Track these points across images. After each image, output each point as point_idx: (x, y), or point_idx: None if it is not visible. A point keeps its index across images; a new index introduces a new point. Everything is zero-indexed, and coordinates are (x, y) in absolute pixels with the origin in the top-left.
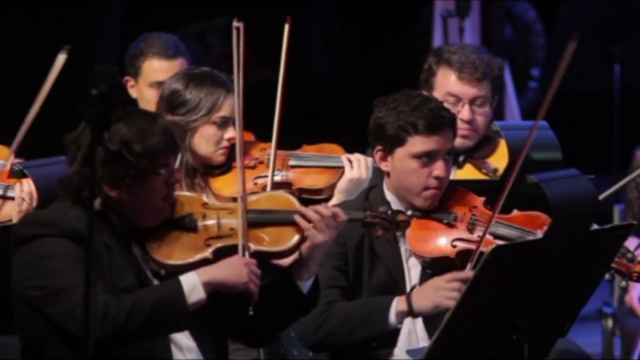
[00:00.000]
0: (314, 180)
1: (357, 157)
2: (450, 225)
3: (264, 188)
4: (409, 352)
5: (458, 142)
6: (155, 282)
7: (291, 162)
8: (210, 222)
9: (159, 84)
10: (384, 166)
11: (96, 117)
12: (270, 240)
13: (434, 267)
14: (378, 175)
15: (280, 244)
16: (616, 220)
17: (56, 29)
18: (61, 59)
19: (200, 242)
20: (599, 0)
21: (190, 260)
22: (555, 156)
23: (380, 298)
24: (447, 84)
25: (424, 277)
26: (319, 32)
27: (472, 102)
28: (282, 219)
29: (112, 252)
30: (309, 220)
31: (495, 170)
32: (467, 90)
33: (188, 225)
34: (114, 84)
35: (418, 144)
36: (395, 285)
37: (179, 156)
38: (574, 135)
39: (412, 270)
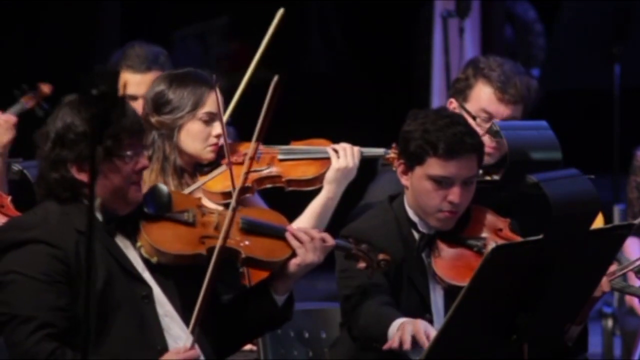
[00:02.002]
0: (303, 172)
1: (342, 146)
2: (480, 253)
3: (253, 182)
4: (409, 352)
5: None
6: (142, 270)
7: (280, 157)
8: (209, 221)
9: (130, 98)
10: (404, 180)
11: (96, 117)
12: (263, 250)
13: (458, 293)
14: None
15: (273, 256)
16: (616, 220)
17: (56, 29)
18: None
19: (196, 237)
20: (599, 0)
21: (185, 253)
22: (555, 156)
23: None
24: (484, 101)
25: (448, 301)
26: (319, 32)
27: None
28: (274, 233)
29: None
30: (299, 240)
31: None
32: (503, 111)
33: (186, 219)
34: (114, 84)
35: (435, 167)
36: (427, 310)
37: (149, 146)
38: (574, 135)
39: (437, 293)
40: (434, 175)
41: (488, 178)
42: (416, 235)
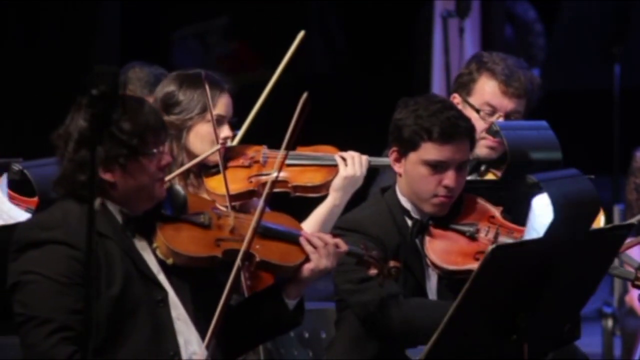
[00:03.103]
0: (310, 178)
1: (350, 154)
2: (473, 238)
3: (259, 185)
4: (409, 352)
5: (484, 152)
6: (157, 272)
7: (287, 161)
8: (225, 223)
9: None
10: (397, 167)
11: (96, 117)
12: (277, 254)
13: (451, 278)
14: (394, 175)
15: (287, 260)
16: (616, 220)
17: (56, 29)
18: None
19: (211, 240)
20: (599, 0)
21: (201, 255)
22: (555, 156)
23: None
24: (488, 94)
25: (442, 287)
26: (319, 32)
27: (507, 115)
28: (289, 237)
29: (106, 240)
30: (313, 245)
31: None
32: (507, 104)
33: (202, 221)
34: (114, 84)
35: (430, 151)
36: (423, 295)
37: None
38: (574, 135)
39: (431, 278)
40: (429, 160)
41: (489, 177)
42: (409, 222)
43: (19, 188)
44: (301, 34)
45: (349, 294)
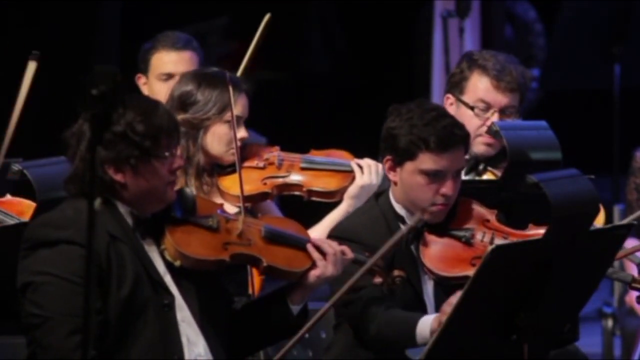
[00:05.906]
0: (325, 183)
1: (367, 162)
2: (468, 244)
3: (273, 188)
4: (409, 352)
5: (482, 149)
6: (164, 273)
7: (302, 165)
8: (233, 227)
9: (168, 76)
10: (392, 176)
11: (96, 117)
12: (284, 260)
13: (447, 284)
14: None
15: (293, 266)
16: (616, 220)
17: (56, 28)
18: (32, 66)
19: (219, 243)
20: (599, 0)
21: (209, 258)
22: (555, 156)
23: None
24: (481, 90)
25: (438, 293)
26: (319, 32)
27: (502, 111)
28: (296, 243)
29: (117, 241)
30: (320, 252)
31: None
32: (501, 99)
33: (211, 224)
34: (114, 84)
35: (428, 161)
36: (420, 302)
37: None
38: (574, 135)
39: (428, 285)
40: (427, 170)
41: (489, 177)
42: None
43: (19, 188)
44: (267, 17)
45: (343, 304)
